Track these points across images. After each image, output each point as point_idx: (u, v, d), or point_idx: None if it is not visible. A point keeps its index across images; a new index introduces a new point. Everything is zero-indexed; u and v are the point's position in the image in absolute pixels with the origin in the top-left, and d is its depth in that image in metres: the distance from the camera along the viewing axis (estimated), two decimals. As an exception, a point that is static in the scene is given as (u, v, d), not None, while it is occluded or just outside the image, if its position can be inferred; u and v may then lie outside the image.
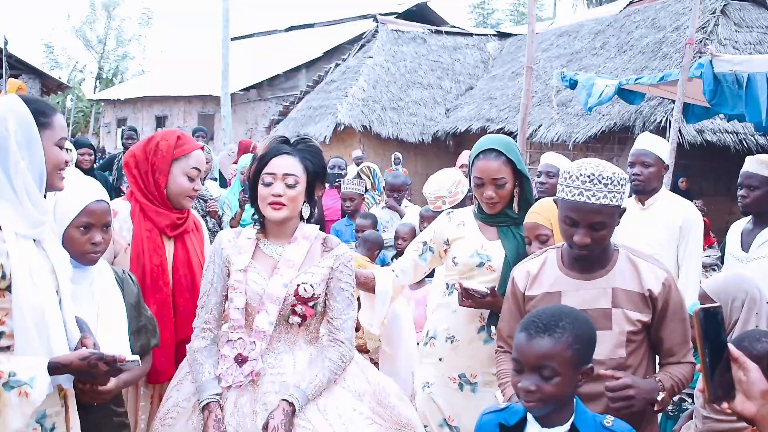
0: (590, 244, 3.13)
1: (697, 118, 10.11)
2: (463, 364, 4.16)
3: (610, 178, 3.11)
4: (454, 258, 4.17)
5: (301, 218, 3.58)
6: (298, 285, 3.43)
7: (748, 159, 5.29)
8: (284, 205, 3.44)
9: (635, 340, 3.20)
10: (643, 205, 5.43)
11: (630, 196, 5.61)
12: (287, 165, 3.46)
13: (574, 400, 2.70)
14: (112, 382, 3.06)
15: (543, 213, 3.91)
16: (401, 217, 7.94)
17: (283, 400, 3.29)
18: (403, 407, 3.59)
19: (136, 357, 2.99)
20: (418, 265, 4.40)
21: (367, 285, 4.31)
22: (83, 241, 3.27)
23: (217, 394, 3.35)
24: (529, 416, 2.69)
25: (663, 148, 5.51)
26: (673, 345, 3.25)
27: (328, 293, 3.53)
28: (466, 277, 4.10)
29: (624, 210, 3.24)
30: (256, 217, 3.61)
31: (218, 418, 3.28)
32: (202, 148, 4.35)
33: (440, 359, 4.22)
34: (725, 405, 2.10)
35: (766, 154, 5.43)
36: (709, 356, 2.07)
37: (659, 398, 3.11)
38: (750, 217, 5.29)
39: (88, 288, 3.31)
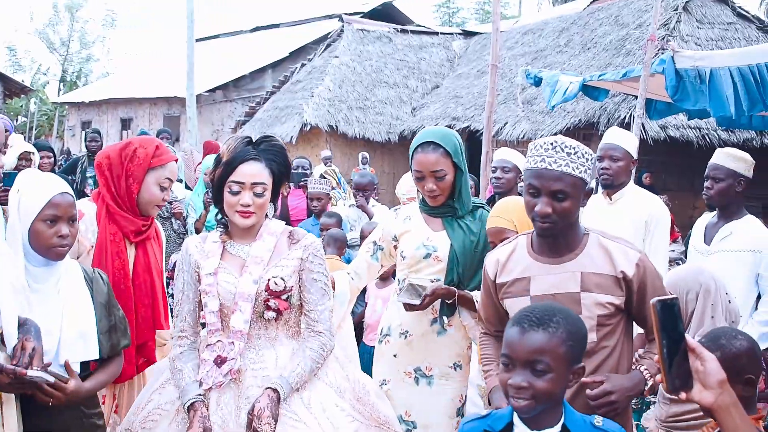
0: (551, 214, 3.08)
1: (660, 115, 10.21)
2: (418, 357, 4.19)
3: (574, 148, 3.10)
4: (402, 252, 4.22)
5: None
6: (269, 279, 3.42)
7: (717, 151, 5.32)
8: (252, 213, 3.44)
9: (608, 324, 3.15)
10: (611, 199, 5.46)
11: (597, 191, 5.63)
12: (255, 173, 3.42)
13: (564, 401, 2.63)
14: (72, 384, 3.07)
15: (505, 215, 3.93)
16: (370, 218, 7.95)
17: (268, 387, 3.29)
18: (381, 405, 3.60)
19: (51, 378, 2.98)
20: (371, 265, 4.45)
21: None
22: (50, 234, 3.23)
23: (200, 395, 3.34)
24: (516, 420, 2.62)
25: (631, 143, 5.54)
26: None
27: (302, 286, 3.52)
28: (415, 270, 4.15)
29: (591, 190, 3.21)
30: (219, 218, 3.60)
31: (204, 415, 3.27)
32: (176, 160, 4.36)
33: (395, 355, 4.25)
34: (683, 395, 2.13)
35: (732, 148, 5.47)
36: (666, 347, 2.10)
37: (647, 387, 3.10)
38: (716, 211, 5.33)
39: (53, 286, 3.27)
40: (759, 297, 5.09)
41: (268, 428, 3.18)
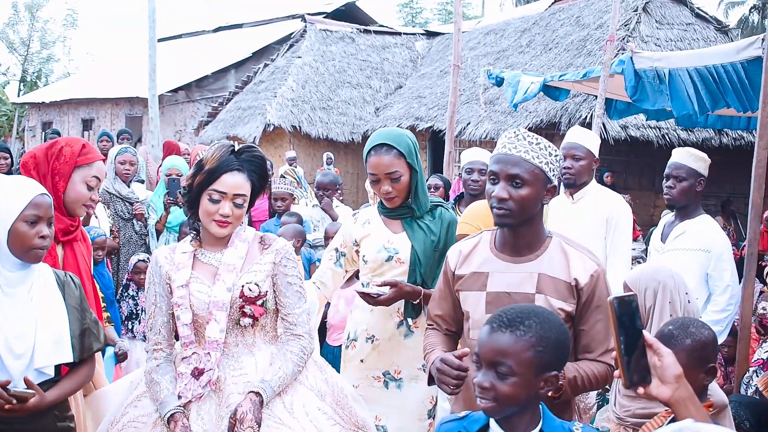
0: (507, 200, 3.05)
1: (620, 114, 10.30)
2: (386, 361, 4.17)
3: (537, 140, 3.08)
4: (364, 257, 4.20)
5: None
6: (243, 285, 3.40)
7: (677, 151, 5.35)
8: (230, 223, 3.42)
9: None
10: (573, 198, 5.49)
11: (560, 191, 5.67)
12: (238, 185, 3.41)
13: (541, 406, 2.55)
14: (33, 400, 3.08)
15: (472, 222, 3.94)
16: (333, 220, 7.95)
17: (250, 392, 3.27)
18: (359, 409, 3.59)
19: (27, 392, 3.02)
20: (335, 272, 4.43)
21: None
22: (31, 235, 3.21)
23: (179, 406, 3.30)
24: (492, 423, 2.55)
25: (593, 142, 5.56)
26: (593, 340, 3.15)
27: (277, 290, 3.51)
28: (378, 274, 4.14)
29: (554, 188, 3.17)
30: (192, 223, 3.57)
31: (185, 425, 3.24)
32: (104, 160, 4.34)
33: (362, 360, 4.22)
34: (641, 390, 2.17)
35: (691, 147, 5.52)
36: (624, 343, 2.13)
37: (556, 387, 2.99)
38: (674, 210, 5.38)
39: (26, 292, 3.25)
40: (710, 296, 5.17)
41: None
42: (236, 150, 3.47)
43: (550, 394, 2.95)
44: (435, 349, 3.34)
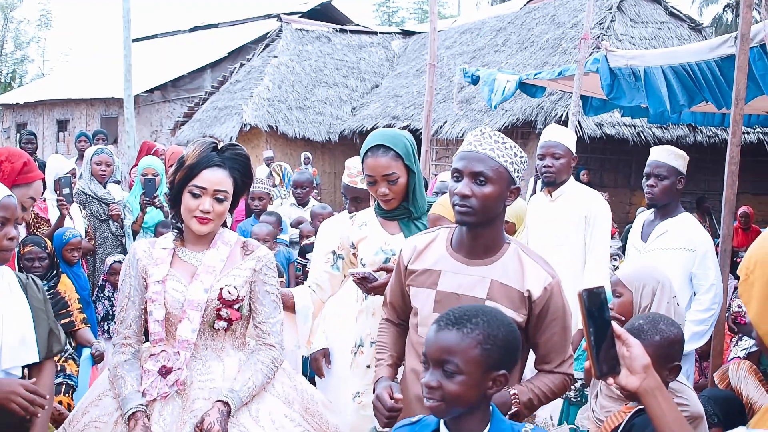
0: (470, 197, 2.97)
1: (595, 111, 10.36)
2: None
3: (503, 139, 3.03)
4: (362, 259, 4.10)
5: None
6: (222, 288, 3.36)
7: (656, 149, 5.32)
8: (211, 220, 3.37)
9: None
10: (552, 197, 5.47)
11: (537, 190, 5.67)
12: (219, 180, 3.36)
13: (491, 407, 2.50)
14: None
15: (447, 204, 3.74)
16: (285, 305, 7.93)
17: (218, 400, 3.22)
18: (329, 415, 3.56)
19: None
20: (332, 275, 4.29)
21: (285, 304, 4.09)
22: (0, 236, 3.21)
23: (141, 405, 3.23)
24: (442, 425, 2.49)
25: (571, 139, 5.54)
26: (550, 352, 3.09)
27: (254, 297, 3.47)
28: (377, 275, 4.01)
29: (518, 189, 3.07)
30: (174, 221, 3.52)
31: (146, 425, 3.17)
32: (44, 179, 4.23)
33: (368, 366, 4.09)
34: (611, 380, 2.20)
35: (668, 145, 5.53)
36: (593, 334, 2.15)
37: (510, 412, 2.96)
38: (652, 208, 5.37)
39: None
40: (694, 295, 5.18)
41: None
42: (219, 148, 3.43)
43: (506, 416, 2.94)
44: (383, 360, 3.31)
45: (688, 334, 4.57)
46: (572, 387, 4.25)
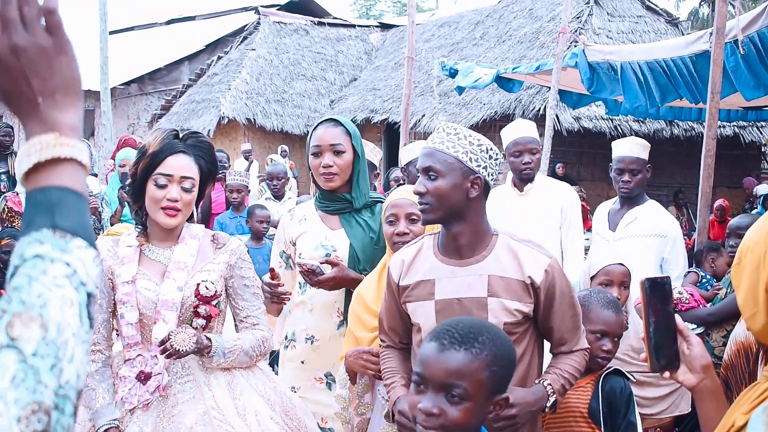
0: (425, 194, 2.89)
1: (575, 105, 10.43)
2: (327, 363, 3.89)
3: (457, 130, 2.94)
4: (300, 255, 3.95)
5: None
6: (198, 284, 3.20)
7: (623, 144, 5.33)
8: (179, 210, 3.18)
9: (516, 332, 2.88)
10: (521, 191, 5.50)
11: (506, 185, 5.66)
12: (184, 166, 3.18)
13: (482, 428, 2.31)
14: None
15: (408, 189, 3.57)
16: None
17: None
18: (308, 420, 3.45)
19: None
20: (292, 275, 4.14)
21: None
22: None
23: (115, 419, 3.05)
24: None
25: (536, 132, 5.60)
26: (564, 333, 3.00)
27: (232, 293, 3.35)
28: None
29: (477, 178, 2.91)
30: (139, 218, 3.32)
31: None
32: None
33: (302, 362, 3.97)
34: (667, 374, 2.11)
35: (633, 137, 5.57)
36: (653, 326, 2.08)
37: (549, 404, 2.89)
38: (616, 198, 5.42)
39: None
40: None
41: (184, 344, 3.02)
42: (180, 136, 3.27)
43: (546, 410, 2.89)
44: (395, 383, 3.11)
45: None
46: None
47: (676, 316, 2.12)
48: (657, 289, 2.09)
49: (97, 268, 1.25)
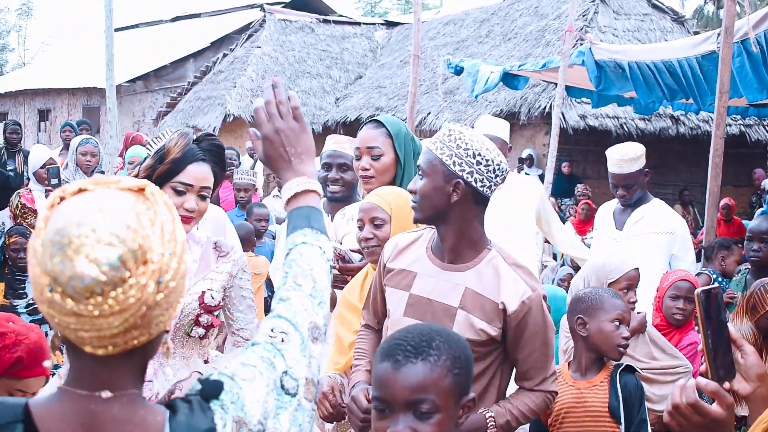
0: (414, 192, 2.90)
1: (596, 104, 10.24)
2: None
3: (451, 132, 2.91)
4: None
5: None
6: (203, 292, 3.19)
7: (612, 159, 5.29)
8: (194, 218, 3.17)
9: (476, 351, 2.70)
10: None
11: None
12: (204, 177, 3.17)
13: None
14: None
15: (384, 196, 3.58)
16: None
17: (195, 371, 3.11)
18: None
19: None
20: None
21: None
22: None
23: None
24: None
25: (504, 129, 5.44)
26: (530, 369, 2.93)
27: (229, 303, 3.33)
28: None
29: (457, 183, 2.86)
30: None
31: None
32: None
33: None
34: (726, 384, 2.05)
35: (623, 147, 5.46)
36: (711, 337, 2.04)
37: None
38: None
39: None
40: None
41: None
42: (196, 139, 3.25)
43: None
44: (360, 366, 3.15)
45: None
46: None
47: (729, 325, 2.09)
48: (711, 300, 2.05)
49: (332, 253, 2.08)
